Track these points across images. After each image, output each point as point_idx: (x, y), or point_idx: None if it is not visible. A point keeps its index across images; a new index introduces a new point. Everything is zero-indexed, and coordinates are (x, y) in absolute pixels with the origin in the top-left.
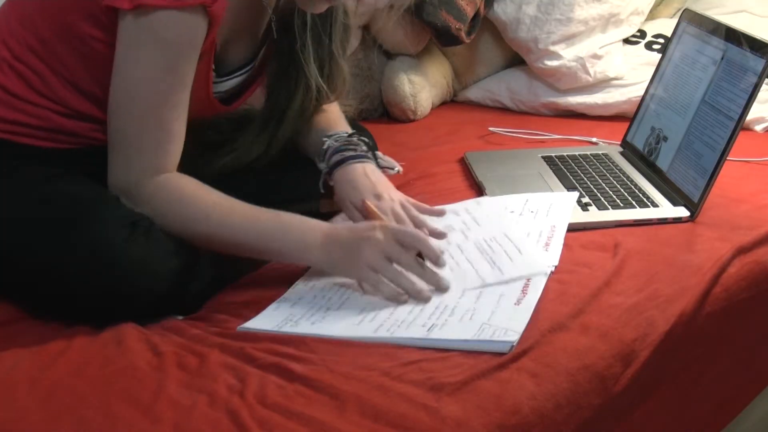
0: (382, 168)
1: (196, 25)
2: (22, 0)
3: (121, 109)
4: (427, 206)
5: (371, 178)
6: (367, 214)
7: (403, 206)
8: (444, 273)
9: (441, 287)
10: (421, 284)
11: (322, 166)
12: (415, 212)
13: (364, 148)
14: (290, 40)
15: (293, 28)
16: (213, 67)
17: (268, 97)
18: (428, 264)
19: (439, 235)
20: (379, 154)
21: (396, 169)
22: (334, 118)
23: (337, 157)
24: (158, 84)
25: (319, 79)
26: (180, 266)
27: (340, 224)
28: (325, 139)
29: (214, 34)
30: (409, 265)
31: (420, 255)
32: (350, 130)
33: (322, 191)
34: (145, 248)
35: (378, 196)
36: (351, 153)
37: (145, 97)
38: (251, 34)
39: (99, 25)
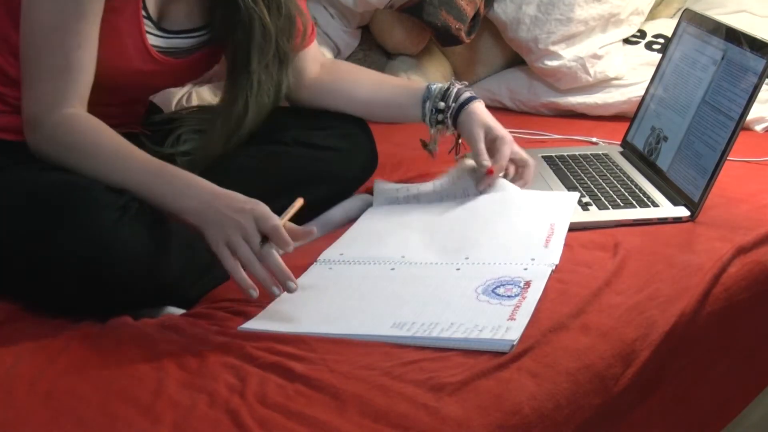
0: None
1: None
2: None
3: (25, 41)
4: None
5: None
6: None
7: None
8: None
9: (286, 287)
10: (265, 275)
11: (441, 105)
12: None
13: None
14: None
15: None
16: (145, 14)
17: (229, 54)
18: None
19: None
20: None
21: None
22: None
23: (467, 94)
24: (57, 12)
25: (267, 17)
26: (171, 250)
27: (231, 191)
28: (431, 85)
29: None
30: (259, 254)
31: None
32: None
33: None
34: (136, 232)
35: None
36: (469, 93)
37: (46, 24)
38: None
39: None
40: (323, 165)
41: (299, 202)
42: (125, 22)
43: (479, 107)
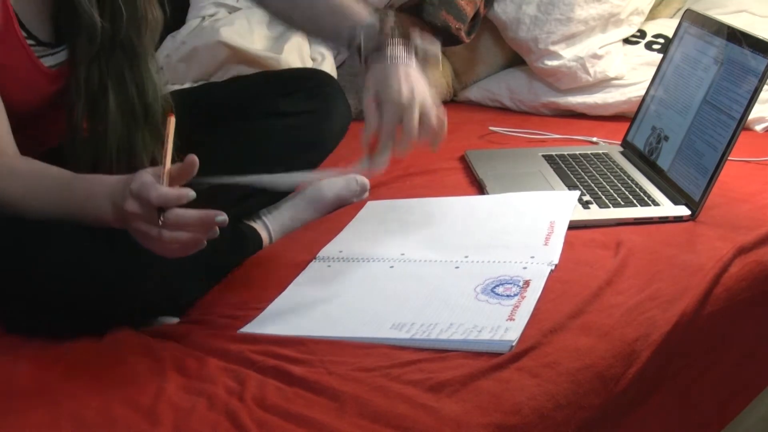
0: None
1: None
2: None
3: None
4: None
5: (411, 77)
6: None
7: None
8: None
9: (218, 224)
10: (182, 236)
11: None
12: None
13: (400, 45)
14: None
15: None
16: (29, 41)
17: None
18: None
19: None
20: (415, 38)
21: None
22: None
23: (375, 54)
24: None
25: (89, 7)
26: (151, 264)
27: (125, 179)
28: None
29: None
30: (150, 223)
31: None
32: (371, 12)
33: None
34: (104, 247)
35: (399, 92)
36: (389, 51)
37: None
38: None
39: None
40: (298, 133)
41: (170, 122)
42: (12, 57)
43: (387, 70)
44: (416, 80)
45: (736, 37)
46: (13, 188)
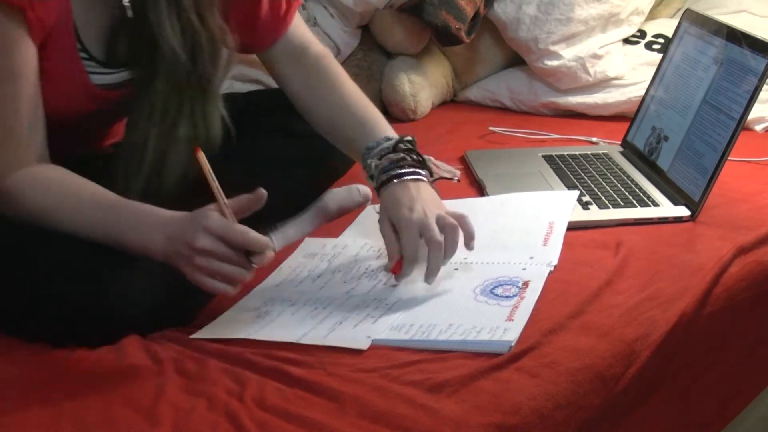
0: (439, 179)
1: (7, 30)
2: None
3: None
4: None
5: (413, 194)
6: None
7: (444, 226)
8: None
9: (268, 255)
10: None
11: (369, 180)
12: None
13: (411, 164)
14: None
15: None
16: (85, 56)
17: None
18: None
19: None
20: (431, 161)
21: (456, 177)
22: (364, 105)
23: (383, 177)
24: None
25: (173, 40)
26: (167, 277)
27: (182, 216)
28: (366, 152)
29: (47, 24)
30: (228, 258)
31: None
32: (390, 132)
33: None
34: (129, 263)
35: (411, 209)
36: (397, 171)
37: None
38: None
39: None
40: (310, 154)
41: (201, 157)
42: (61, 60)
43: (397, 191)
44: (428, 196)
45: (736, 37)
46: (47, 199)
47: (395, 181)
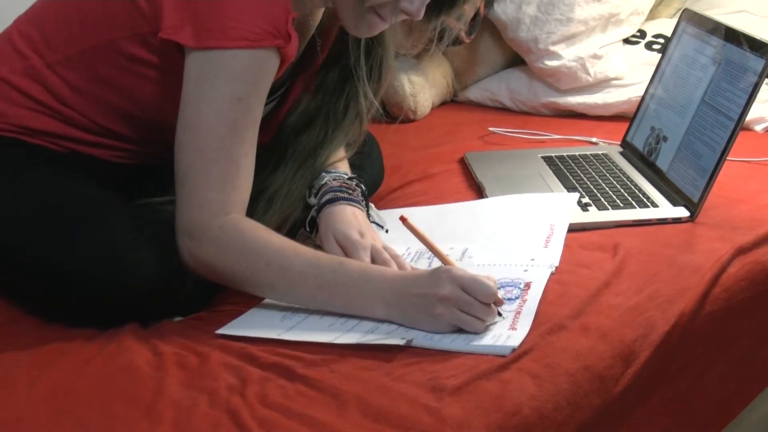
0: (371, 222)
1: (269, 66)
2: (58, 3)
3: (189, 144)
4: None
5: (358, 219)
6: (413, 233)
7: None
8: None
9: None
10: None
11: (312, 201)
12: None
13: (360, 195)
14: (340, 58)
15: (341, 44)
16: None
17: (312, 120)
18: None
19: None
20: (372, 207)
21: (384, 228)
22: (338, 155)
23: (329, 196)
24: (227, 117)
25: (371, 95)
26: (186, 274)
27: (406, 273)
28: (324, 174)
29: (281, 71)
30: (483, 313)
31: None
32: (350, 173)
33: (307, 229)
34: (152, 253)
35: (362, 234)
36: (345, 195)
37: (214, 131)
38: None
39: (147, 47)
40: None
41: (409, 224)
42: None
43: (338, 210)
44: (363, 222)
45: (734, 36)
46: (268, 272)
47: (341, 202)
